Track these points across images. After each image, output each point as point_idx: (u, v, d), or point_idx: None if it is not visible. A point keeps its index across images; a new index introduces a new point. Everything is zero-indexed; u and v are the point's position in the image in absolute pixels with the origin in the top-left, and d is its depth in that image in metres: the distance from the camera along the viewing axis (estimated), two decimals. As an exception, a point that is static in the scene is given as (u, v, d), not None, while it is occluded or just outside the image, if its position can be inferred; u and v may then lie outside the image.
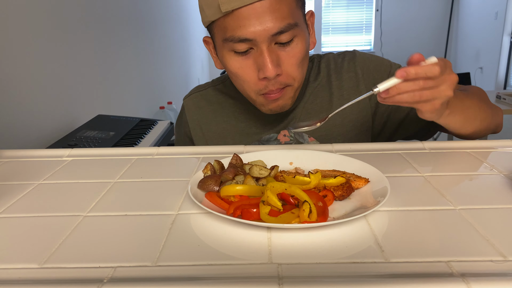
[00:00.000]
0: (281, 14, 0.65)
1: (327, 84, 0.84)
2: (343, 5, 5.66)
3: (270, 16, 0.65)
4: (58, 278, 0.38)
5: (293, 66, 0.71)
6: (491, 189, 0.54)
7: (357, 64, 0.84)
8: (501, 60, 4.30)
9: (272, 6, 0.65)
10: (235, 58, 0.70)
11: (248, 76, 0.71)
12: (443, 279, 0.35)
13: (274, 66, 0.67)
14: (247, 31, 0.65)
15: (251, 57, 0.69)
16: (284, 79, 0.71)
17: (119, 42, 2.33)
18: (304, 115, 0.83)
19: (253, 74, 0.70)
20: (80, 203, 0.54)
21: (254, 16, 0.65)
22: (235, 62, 0.71)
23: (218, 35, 0.71)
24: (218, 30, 0.70)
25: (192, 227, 0.47)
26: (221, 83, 0.91)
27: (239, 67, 0.71)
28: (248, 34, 0.66)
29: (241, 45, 0.68)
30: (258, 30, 0.65)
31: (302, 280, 0.36)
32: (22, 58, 1.40)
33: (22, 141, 1.38)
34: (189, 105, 0.91)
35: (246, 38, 0.66)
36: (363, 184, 0.55)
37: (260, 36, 0.66)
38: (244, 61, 0.70)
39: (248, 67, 0.70)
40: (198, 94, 0.91)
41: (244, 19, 0.65)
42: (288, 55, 0.69)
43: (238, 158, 0.60)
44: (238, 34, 0.66)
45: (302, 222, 0.44)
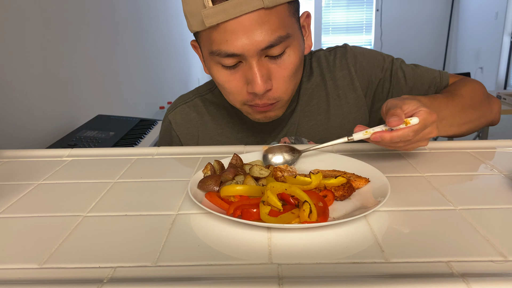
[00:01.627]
0: (270, 26, 0.61)
1: (321, 83, 0.81)
2: (343, 5, 5.66)
3: (259, 30, 0.60)
4: (58, 278, 0.38)
5: (285, 79, 0.67)
6: (491, 189, 0.54)
7: (349, 61, 0.81)
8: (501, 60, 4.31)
9: (261, 19, 0.60)
10: (222, 72, 0.66)
11: (235, 89, 0.67)
12: (443, 279, 0.35)
13: (263, 82, 0.63)
14: (234, 46, 0.61)
15: (239, 71, 0.65)
16: (273, 94, 0.67)
17: (119, 42, 2.33)
18: (302, 118, 0.81)
19: (242, 88, 0.67)
20: (80, 203, 0.54)
21: (241, 30, 0.60)
22: (222, 76, 0.67)
23: (204, 47, 0.66)
24: (204, 41, 0.66)
25: (192, 227, 0.47)
26: (209, 92, 0.86)
27: (227, 80, 0.67)
28: (235, 49, 0.61)
29: (228, 59, 0.63)
30: (246, 44, 0.61)
31: (302, 280, 0.36)
32: (22, 58, 1.40)
33: (22, 141, 1.38)
34: (177, 119, 0.85)
35: (233, 53, 0.62)
36: (363, 184, 0.55)
37: (249, 51, 0.61)
38: (232, 75, 0.66)
39: (236, 81, 0.66)
40: (185, 106, 0.85)
41: (230, 33, 0.60)
42: (280, 67, 0.65)
43: (238, 158, 0.60)
44: (225, 49, 0.62)
45: (302, 222, 0.44)
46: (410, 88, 0.81)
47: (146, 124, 1.73)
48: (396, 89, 0.81)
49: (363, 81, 0.81)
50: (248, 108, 0.71)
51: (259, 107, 0.69)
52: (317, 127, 0.81)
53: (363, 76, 0.81)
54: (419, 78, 0.82)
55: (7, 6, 1.32)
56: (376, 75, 0.82)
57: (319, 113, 0.81)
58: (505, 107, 2.49)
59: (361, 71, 0.81)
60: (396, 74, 0.81)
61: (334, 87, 0.81)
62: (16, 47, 1.36)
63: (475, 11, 4.83)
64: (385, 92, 0.82)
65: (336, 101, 0.81)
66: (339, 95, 0.81)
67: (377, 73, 0.82)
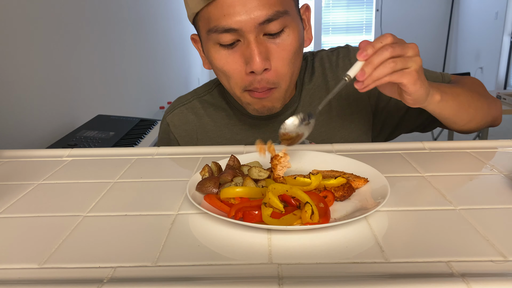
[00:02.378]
0: (268, 0, 0.61)
1: (323, 84, 0.81)
2: (343, 5, 5.66)
3: (257, 2, 0.60)
4: (58, 278, 0.38)
5: (284, 61, 0.66)
6: (491, 189, 0.54)
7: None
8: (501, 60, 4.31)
9: None
10: (220, 52, 0.65)
11: (234, 71, 0.66)
12: (443, 279, 0.35)
13: (262, 59, 0.62)
14: (231, 20, 0.61)
15: (238, 50, 0.65)
16: (271, 76, 0.66)
17: (119, 42, 2.33)
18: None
19: (240, 69, 0.66)
20: (80, 203, 0.54)
21: (240, 3, 0.60)
22: (220, 56, 0.66)
23: (203, 27, 0.66)
24: (202, 22, 0.65)
25: (192, 227, 0.47)
26: (207, 94, 0.85)
27: (225, 62, 0.66)
28: (233, 23, 0.61)
29: (226, 36, 0.63)
30: (243, 18, 0.60)
31: (302, 280, 0.36)
32: (22, 58, 1.40)
33: (22, 141, 1.38)
34: (175, 121, 0.84)
35: (231, 27, 0.61)
36: (362, 184, 0.55)
37: (246, 25, 0.61)
38: (230, 55, 0.65)
39: (234, 62, 0.65)
40: (183, 108, 0.84)
41: (228, 7, 0.60)
42: (278, 47, 0.64)
43: (235, 160, 0.60)
44: (223, 23, 0.61)
45: (304, 223, 0.44)
46: None
47: (146, 124, 1.73)
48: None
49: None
50: (248, 96, 0.70)
51: (257, 92, 0.68)
52: (318, 128, 0.80)
53: None
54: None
55: (7, 6, 1.32)
56: None
57: (321, 114, 0.80)
58: (505, 107, 2.49)
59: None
60: None
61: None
62: (16, 47, 1.36)
63: (475, 11, 4.83)
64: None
65: (338, 101, 0.80)
66: (341, 95, 0.81)
67: None
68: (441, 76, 0.82)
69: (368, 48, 0.53)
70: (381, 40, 0.54)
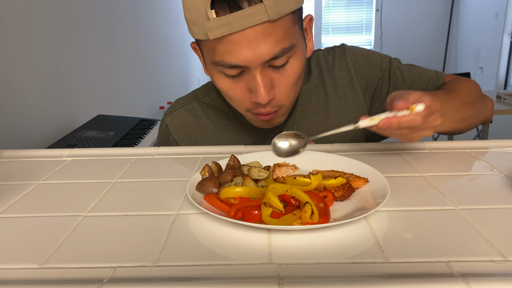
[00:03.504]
0: (275, 38, 0.60)
1: (320, 83, 0.81)
2: (343, 5, 5.66)
3: (263, 42, 0.60)
4: (58, 278, 0.38)
5: (287, 87, 0.67)
6: (491, 189, 0.54)
7: (348, 60, 0.81)
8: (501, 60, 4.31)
9: (265, 31, 0.59)
10: (225, 80, 0.66)
11: (238, 97, 0.67)
12: (443, 279, 0.35)
13: (267, 92, 0.64)
14: (238, 58, 0.61)
15: (242, 80, 0.65)
16: (276, 101, 0.67)
17: (119, 42, 2.33)
18: (301, 119, 0.81)
19: (245, 96, 0.67)
20: (80, 203, 0.54)
21: (246, 42, 0.59)
22: (224, 83, 0.67)
23: (207, 55, 0.66)
24: (206, 50, 0.65)
25: (192, 227, 0.47)
26: (206, 95, 0.85)
27: (230, 88, 0.67)
28: (239, 61, 0.61)
29: (232, 70, 0.63)
30: (250, 57, 0.60)
31: (302, 280, 0.36)
32: (22, 58, 1.40)
33: (22, 141, 1.38)
34: (174, 123, 0.84)
35: (237, 65, 0.62)
36: (362, 184, 0.55)
37: (253, 63, 0.61)
38: (235, 83, 0.66)
39: (239, 89, 0.66)
40: (182, 110, 0.84)
41: (234, 45, 0.60)
42: (283, 77, 0.65)
43: (235, 159, 0.60)
44: (229, 60, 0.61)
45: (304, 223, 0.44)
46: (408, 87, 0.82)
47: (146, 124, 1.73)
48: (395, 89, 0.81)
49: (362, 81, 0.81)
50: (252, 115, 0.71)
51: (262, 115, 0.69)
52: (316, 127, 0.81)
53: (361, 75, 0.81)
54: (416, 77, 0.83)
55: (7, 6, 1.32)
56: (375, 74, 0.82)
57: (318, 113, 0.81)
58: (505, 107, 2.49)
59: (360, 71, 0.81)
60: (394, 73, 0.82)
61: (333, 86, 0.81)
62: (16, 47, 1.36)
63: (475, 11, 4.83)
64: (384, 92, 0.82)
65: (335, 100, 0.81)
66: (339, 95, 0.81)
67: (375, 73, 0.82)
68: (435, 76, 0.84)
69: (392, 123, 0.55)
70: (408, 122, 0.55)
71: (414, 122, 0.55)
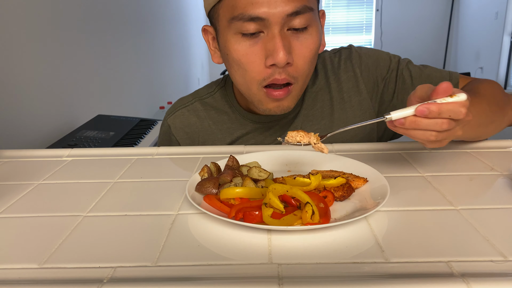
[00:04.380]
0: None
1: (326, 86, 0.80)
2: (343, 5, 5.66)
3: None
4: (58, 278, 0.38)
5: (305, 59, 0.65)
6: (491, 189, 0.54)
7: (354, 63, 0.80)
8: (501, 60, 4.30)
9: None
10: (241, 42, 0.64)
11: (253, 64, 0.65)
12: (443, 279, 0.35)
13: (286, 53, 0.61)
14: (259, 9, 0.60)
15: (259, 42, 0.63)
16: (292, 71, 0.65)
17: (119, 42, 2.33)
18: (305, 123, 0.79)
19: (259, 62, 0.64)
20: (80, 203, 0.54)
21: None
22: (240, 47, 0.64)
23: (224, 16, 0.64)
24: (225, 10, 0.64)
25: (192, 227, 0.47)
26: (209, 96, 0.84)
27: (245, 53, 0.64)
28: (260, 12, 0.60)
29: (250, 24, 0.61)
30: (271, 8, 0.60)
31: (302, 280, 0.36)
32: (22, 58, 1.40)
33: (22, 141, 1.38)
34: (176, 123, 0.83)
35: (257, 16, 0.60)
36: (362, 184, 0.55)
37: (274, 15, 0.60)
38: (251, 46, 0.64)
39: (254, 54, 0.64)
40: (185, 110, 0.83)
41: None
42: (302, 44, 0.64)
43: (234, 160, 0.60)
44: (250, 11, 0.60)
45: (305, 223, 0.44)
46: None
47: (146, 124, 1.73)
48: (402, 90, 0.79)
49: (369, 83, 0.79)
50: (264, 95, 0.68)
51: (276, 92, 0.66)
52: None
53: (368, 78, 0.79)
54: (426, 78, 0.79)
55: (7, 6, 1.32)
56: (382, 75, 0.80)
57: (322, 118, 0.79)
58: (505, 107, 2.48)
59: (366, 73, 0.79)
60: (401, 74, 0.79)
61: (338, 90, 0.79)
62: (16, 47, 1.37)
63: (475, 11, 4.83)
64: (390, 93, 0.80)
65: (340, 104, 0.79)
66: (343, 98, 0.79)
67: (383, 74, 0.80)
68: (448, 76, 0.79)
69: (431, 110, 0.47)
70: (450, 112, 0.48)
71: (457, 113, 0.47)
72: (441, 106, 0.47)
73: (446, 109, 0.47)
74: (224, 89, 0.83)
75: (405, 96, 0.78)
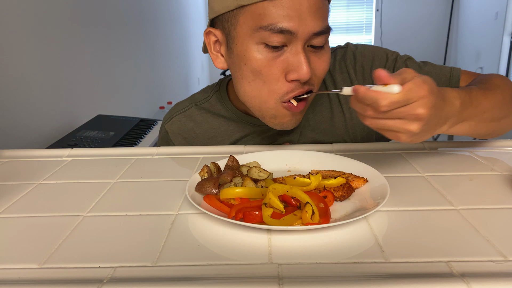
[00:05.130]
0: (323, 13, 0.62)
1: (322, 87, 0.79)
2: (343, 5, 5.65)
3: (316, 13, 0.60)
4: (58, 278, 0.38)
5: (322, 72, 0.66)
6: (491, 189, 0.54)
7: (348, 63, 0.79)
8: (501, 60, 4.30)
9: (320, 3, 0.61)
10: (263, 53, 0.62)
11: (273, 76, 0.63)
12: (443, 279, 0.35)
13: (308, 68, 0.62)
14: (292, 22, 0.59)
15: (282, 55, 0.62)
16: (311, 84, 0.66)
17: (119, 42, 2.33)
18: (306, 128, 0.79)
19: (280, 75, 0.63)
20: (80, 203, 0.54)
21: (302, 8, 0.59)
22: (262, 58, 0.62)
23: (247, 23, 0.62)
24: (248, 17, 0.61)
25: (192, 227, 0.47)
26: (205, 101, 0.83)
27: (266, 65, 0.63)
28: (291, 26, 0.59)
29: (278, 36, 0.60)
30: (302, 24, 0.60)
31: (302, 280, 0.36)
32: (22, 58, 1.40)
33: (22, 141, 1.38)
34: (174, 129, 0.83)
35: (288, 30, 0.60)
36: (362, 184, 0.55)
37: (303, 31, 0.60)
38: (274, 59, 0.62)
39: (275, 66, 0.63)
40: (182, 116, 0.83)
41: (289, 9, 0.59)
42: (319, 60, 0.65)
43: (234, 160, 0.60)
44: (281, 23, 0.59)
45: (305, 223, 0.44)
46: None
47: (146, 124, 1.73)
48: None
49: (364, 83, 0.78)
50: (282, 109, 0.66)
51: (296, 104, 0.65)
52: (321, 136, 0.79)
53: (363, 77, 0.79)
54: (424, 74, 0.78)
55: (6, 6, 1.32)
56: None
57: (322, 122, 0.79)
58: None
59: (361, 73, 0.78)
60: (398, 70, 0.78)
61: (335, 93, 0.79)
62: (16, 47, 1.36)
63: (475, 11, 4.83)
64: None
65: (338, 107, 0.79)
66: (340, 101, 0.79)
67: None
68: (449, 72, 0.77)
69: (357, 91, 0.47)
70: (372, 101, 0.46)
71: (377, 102, 0.46)
72: (366, 91, 0.46)
73: (369, 96, 0.46)
74: (219, 93, 0.83)
75: None
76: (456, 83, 0.77)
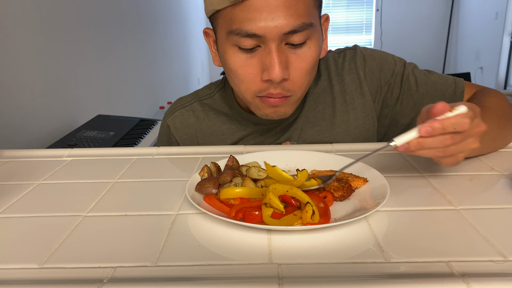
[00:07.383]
0: (296, 11, 0.59)
1: (328, 88, 0.79)
2: (343, 5, 5.66)
3: (284, 12, 0.58)
4: (58, 278, 0.38)
5: (302, 72, 0.64)
6: (491, 189, 0.54)
7: (358, 65, 0.78)
8: (501, 60, 4.30)
9: (288, 1, 0.58)
10: (238, 55, 0.64)
11: (248, 76, 0.64)
12: (443, 279, 0.35)
13: (282, 69, 0.61)
14: (256, 25, 0.59)
15: (256, 56, 0.63)
16: (288, 85, 0.65)
17: (119, 42, 2.33)
18: (306, 125, 0.79)
19: (256, 75, 0.64)
20: (80, 203, 0.54)
21: (267, 9, 0.58)
22: (237, 59, 0.64)
23: (222, 27, 0.64)
24: (223, 21, 0.63)
25: (192, 227, 0.47)
26: (209, 97, 0.83)
27: (241, 65, 0.64)
28: (257, 29, 0.59)
29: (247, 40, 0.61)
30: (269, 25, 0.59)
31: (302, 280, 0.36)
32: (22, 58, 1.40)
33: (22, 141, 1.38)
34: (176, 124, 0.83)
35: (254, 33, 0.59)
36: (361, 184, 0.55)
37: (271, 33, 0.59)
38: (248, 60, 0.63)
39: (251, 67, 0.64)
40: (184, 110, 0.83)
41: (254, 12, 0.58)
42: (299, 58, 0.63)
43: (234, 160, 0.60)
44: (246, 27, 0.59)
45: (305, 223, 0.44)
46: (422, 95, 0.77)
47: (146, 124, 1.73)
48: (407, 95, 0.78)
49: (372, 86, 0.78)
50: (259, 101, 0.68)
51: (271, 98, 0.66)
52: (321, 133, 0.79)
53: (372, 80, 0.78)
54: (432, 84, 0.77)
55: (7, 6, 1.32)
56: (386, 79, 0.78)
57: (324, 119, 0.79)
58: (505, 107, 2.48)
59: (370, 76, 0.78)
60: (407, 79, 0.77)
61: (341, 91, 0.79)
62: (16, 47, 1.36)
63: (475, 11, 4.83)
64: (394, 98, 0.78)
65: (342, 106, 0.78)
66: (346, 101, 0.78)
67: (387, 77, 0.78)
68: (454, 83, 0.78)
69: (435, 127, 0.47)
70: (454, 125, 0.47)
71: (461, 124, 0.46)
72: (443, 122, 0.47)
73: (449, 124, 0.47)
74: (223, 91, 0.83)
75: (409, 101, 0.77)
76: (460, 95, 0.77)
